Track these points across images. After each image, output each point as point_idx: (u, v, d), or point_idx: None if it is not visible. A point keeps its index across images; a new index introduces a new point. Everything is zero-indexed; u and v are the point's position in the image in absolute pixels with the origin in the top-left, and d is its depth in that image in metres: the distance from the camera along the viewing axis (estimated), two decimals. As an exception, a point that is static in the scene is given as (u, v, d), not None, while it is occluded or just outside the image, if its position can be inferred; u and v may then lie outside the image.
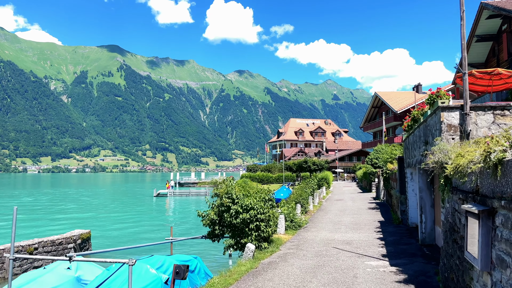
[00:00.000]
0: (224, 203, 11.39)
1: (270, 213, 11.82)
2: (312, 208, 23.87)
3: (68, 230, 21.29)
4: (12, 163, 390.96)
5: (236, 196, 11.52)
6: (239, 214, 11.15)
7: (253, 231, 11.15)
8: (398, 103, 59.51)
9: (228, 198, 11.51)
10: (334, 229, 16.04)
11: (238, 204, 11.31)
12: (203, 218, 11.87)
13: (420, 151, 11.01)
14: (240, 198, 11.45)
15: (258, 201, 11.36)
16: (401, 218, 16.96)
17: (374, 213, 21.97)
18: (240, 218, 11.04)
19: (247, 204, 11.14)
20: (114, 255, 13.94)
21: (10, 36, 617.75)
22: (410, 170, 15.58)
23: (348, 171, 78.61)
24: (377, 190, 34.07)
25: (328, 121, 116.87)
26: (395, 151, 22.56)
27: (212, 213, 11.65)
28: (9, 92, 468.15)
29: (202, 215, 11.87)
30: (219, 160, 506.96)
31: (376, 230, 15.57)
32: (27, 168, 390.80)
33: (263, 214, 11.38)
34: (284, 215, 16.11)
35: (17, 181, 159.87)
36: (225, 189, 11.79)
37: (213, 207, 11.83)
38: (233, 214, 11.23)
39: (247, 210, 11.23)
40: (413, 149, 12.97)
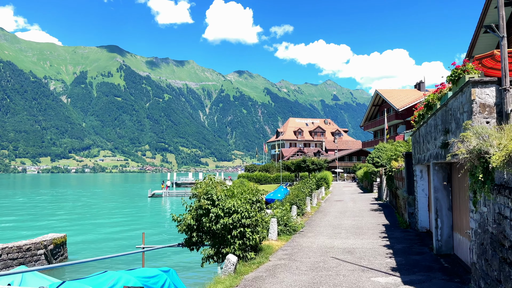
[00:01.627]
0: (202, 205, 9.58)
1: (258, 217, 10.01)
2: (309, 210, 22.04)
3: (46, 233, 19.46)
4: (11, 164, 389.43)
5: (217, 197, 9.69)
6: (220, 218, 9.34)
7: (237, 238, 9.33)
8: (399, 101, 57.71)
9: (207, 200, 9.69)
10: (333, 234, 14.21)
11: (219, 206, 9.49)
12: (179, 223, 10.06)
13: (437, 143, 9.20)
14: (221, 200, 9.63)
15: (243, 203, 9.54)
16: (408, 221, 15.13)
17: (378, 215, 20.14)
18: (220, 224, 9.23)
19: (229, 206, 9.32)
20: (78, 268, 12.11)
21: (9, 36, 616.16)
22: (420, 167, 13.74)
23: (348, 171, 76.78)
24: (379, 190, 32.27)
25: (328, 121, 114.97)
26: (399, 148, 20.76)
27: (189, 217, 9.84)
28: (9, 93, 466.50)
29: (178, 220, 10.05)
30: (218, 160, 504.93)
31: (381, 235, 13.75)
32: (27, 168, 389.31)
33: (249, 218, 9.57)
34: (277, 218, 14.29)
35: (15, 182, 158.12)
36: (204, 188, 9.96)
37: (191, 210, 10.01)
38: (213, 218, 9.42)
39: (229, 214, 9.41)
40: (425, 143, 11.16)
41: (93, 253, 20.80)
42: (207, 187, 10.01)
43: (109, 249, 21.61)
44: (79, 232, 28.56)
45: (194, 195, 10.18)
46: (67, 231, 24.46)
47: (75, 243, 23.51)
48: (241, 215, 9.31)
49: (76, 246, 22.64)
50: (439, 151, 9.08)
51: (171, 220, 10.05)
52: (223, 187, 10.46)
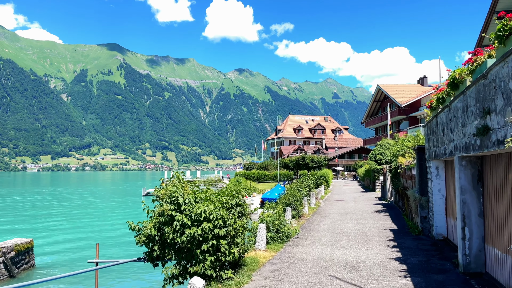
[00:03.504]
0: (164, 211, 7.50)
1: (238, 225, 7.91)
2: (307, 211, 19.94)
3: (12, 238, 17.37)
4: (11, 162, 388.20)
5: (184, 200, 7.59)
6: (186, 228, 7.26)
7: (208, 254, 7.24)
8: (402, 96, 55.58)
9: (171, 204, 7.60)
10: (333, 242, 12.11)
11: (185, 212, 7.40)
12: (138, 232, 7.97)
13: (467, 130, 7.11)
14: (190, 204, 7.52)
15: (217, 208, 7.45)
16: (421, 226, 13.02)
17: (383, 217, 18.04)
18: (186, 235, 7.14)
19: (199, 213, 7.23)
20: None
21: (10, 34, 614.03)
22: (436, 163, 11.63)
23: (349, 169, 74.68)
24: (383, 189, 30.20)
25: (328, 118, 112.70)
26: (407, 143, 18.65)
27: (149, 226, 7.76)
28: (9, 91, 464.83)
29: (136, 228, 7.96)
30: (219, 158, 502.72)
31: (389, 244, 11.64)
32: (27, 166, 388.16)
33: (225, 227, 7.49)
34: (266, 223, 12.19)
35: (14, 180, 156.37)
36: (168, 189, 7.86)
37: (152, 217, 7.92)
38: (178, 228, 7.33)
39: (198, 222, 7.33)
40: (446, 132, 9.06)
41: (61, 262, 18.71)
42: (172, 187, 7.90)
43: (78, 258, 19.42)
44: (56, 235, 26.43)
45: (157, 198, 8.06)
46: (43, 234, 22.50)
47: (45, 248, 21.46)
48: (214, 224, 7.22)
49: (51, 252, 20.58)
50: (470, 141, 6.97)
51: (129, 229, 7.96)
52: (195, 188, 8.34)
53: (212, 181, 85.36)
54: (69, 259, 19.26)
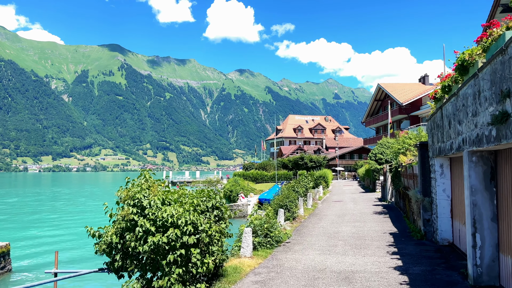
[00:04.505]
0: (125, 215, 6.45)
1: (213, 231, 6.85)
2: (302, 213, 18.86)
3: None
4: (13, 162, 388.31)
5: (149, 202, 6.53)
6: (150, 235, 6.22)
7: (176, 265, 6.19)
8: (403, 95, 54.52)
9: (133, 207, 6.55)
10: (327, 247, 11.04)
11: (149, 217, 6.35)
12: (98, 239, 6.91)
13: (479, 120, 6.06)
14: (155, 207, 6.46)
15: (188, 212, 6.40)
16: (424, 230, 11.93)
17: (382, 219, 16.96)
18: (149, 243, 6.09)
19: (165, 217, 6.18)
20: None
21: (11, 35, 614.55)
22: (440, 161, 10.56)
23: (349, 169, 73.58)
24: (383, 189, 29.12)
25: (329, 118, 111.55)
26: (408, 140, 17.58)
27: (110, 232, 6.72)
28: (10, 91, 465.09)
29: (97, 235, 6.90)
30: (220, 159, 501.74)
31: (389, 250, 10.56)
32: (28, 167, 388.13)
33: (197, 233, 6.44)
34: (254, 227, 11.13)
35: (14, 180, 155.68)
36: (130, 190, 6.79)
37: (115, 222, 6.86)
38: (140, 235, 6.29)
39: (164, 229, 6.28)
40: (453, 124, 8.00)
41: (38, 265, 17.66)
42: (136, 188, 6.84)
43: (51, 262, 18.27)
44: (35, 238, 25.24)
45: (120, 200, 6.99)
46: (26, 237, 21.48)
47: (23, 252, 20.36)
48: (183, 231, 6.17)
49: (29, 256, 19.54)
50: (483, 132, 5.91)
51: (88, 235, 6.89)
52: (165, 189, 7.26)
53: (211, 181, 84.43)
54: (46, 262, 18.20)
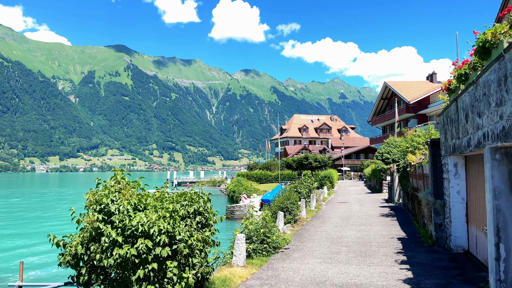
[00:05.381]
0: (89, 223, 5.56)
1: (194, 240, 5.94)
2: (305, 215, 17.90)
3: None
4: (20, 163, 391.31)
5: (118, 208, 5.63)
6: (116, 247, 5.32)
7: (147, 282, 5.28)
8: (410, 93, 53.32)
9: (99, 213, 5.66)
10: (329, 255, 10.09)
11: (116, 225, 5.44)
12: (63, 251, 6.00)
13: (505, 111, 5.09)
14: (125, 214, 5.55)
15: (162, 219, 5.49)
16: (435, 236, 10.92)
17: (390, 222, 15.95)
18: (115, 256, 5.20)
19: (134, 225, 5.29)
20: None
21: (18, 36, 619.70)
22: (454, 160, 9.56)
23: (355, 169, 72.40)
24: (390, 190, 28.05)
25: (334, 117, 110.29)
26: (417, 138, 16.56)
27: (76, 241, 5.84)
28: (18, 92, 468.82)
29: (62, 244, 6.00)
30: (225, 159, 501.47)
31: (397, 258, 9.58)
32: (36, 167, 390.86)
33: (174, 244, 5.55)
34: (248, 232, 10.21)
35: (21, 180, 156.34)
36: (96, 193, 5.89)
37: (82, 230, 5.95)
38: (106, 246, 5.41)
39: (134, 239, 5.39)
40: (472, 118, 7.02)
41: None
42: (104, 191, 5.94)
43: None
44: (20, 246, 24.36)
45: (87, 204, 6.09)
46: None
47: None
48: (156, 242, 5.27)
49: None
50: (511, 123, 4.94)
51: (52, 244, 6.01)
52: (142, 192, 6.35)
53: (216, 181, 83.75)
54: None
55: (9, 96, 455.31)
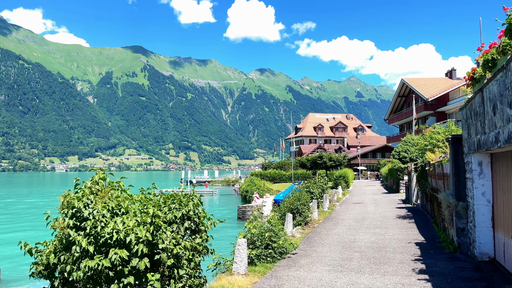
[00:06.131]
0: (58, 229, 4.92)
1: (181, 249, 5.25)
2: (316, 217, 17.07)
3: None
4: (41, 162, 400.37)
5: (92, 212, 4.97)
6: (87, 257, 4.67)
7: (123, 297, 4.62)
8: (428, 90, 51.66)
9: (71, 218, 5.02)
10: (340, 261, 9.28)
11: (87, 232, 4.78)
12: (36, 259, 5.39)
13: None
14: (99, 220, 4.88)
15: (141, 225, 4.82)
16: (457, 241, 9.98)
17: (407, 225, 14.99)
18: (84, 269, 4.54)
19: (109, 233, 4.63)
20: None
21: (38, 38, 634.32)
22: (479, 158, 8.63)
23: (372, 169, 70.85)
24: (408, 190, 26.93)
25: (350, 116, 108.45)
26: (436, 136, 15.54)
27: (49, 249, 5.22)
28: (38, 93, 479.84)
29: (33, 252, 5.39)
30: (241, 158, 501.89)
31: (415, 266, 8.70)
32: (55, 167, 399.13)
33: (157, 253, 4.87)
34: (251, 237, 9.48)
35: (42, 180, 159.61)
36: (68, 195, 5.24)
37: (56, 238, 5.30)
38: (77, 256, 4.76)
39: (108, 248, 4.72)
40: (500, 109, 6.12)
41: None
42: (79, 193, 5.28)
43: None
44: None
45: (60, 208, 5.44)
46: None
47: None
48: (132, 251, 4.60)
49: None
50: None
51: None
52: (121, 194, 5.67)
53: (230, 181, 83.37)
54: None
55: (29, 97, 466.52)
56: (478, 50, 7.14)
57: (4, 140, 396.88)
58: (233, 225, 29.61)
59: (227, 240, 14.19)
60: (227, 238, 19.05)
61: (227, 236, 21.99)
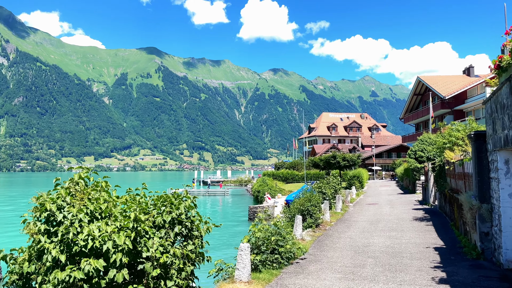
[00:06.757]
0: (30, 235, 4.40)
1: (169, 258, 4.68)
2: (328, 218, 16.34)
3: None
4: (58, 162, 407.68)
5: (66, 215, 4.40)
6: (57, 268, 4.12)
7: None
8: (445, 88, 50.18)
9: (44, 223, 4.47)
10: (352, 268, 8.59)
11: (59, 238, 4.23)
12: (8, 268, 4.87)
13: None
14: (74, 223, 4.31)
15: (122, 230, 4.27)
16: (480, 247, 9.18)
17: (424, 228, 14.16)
18: (55, 281, 3.98)
19: (85, 239, 4.08)
20: None
21: (55, 41, 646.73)
22: (506, 155, 7.84)
23: (387, 169, 69.40)
24: (425, 191, 25.93)
25: (364, 115, 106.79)
26: (456, 133, 14.65)
27: (23, 257, 4.70)
28: (55, 95, 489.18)
29: (9, 259, 4.87)
30: (254, 159, 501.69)
31: (435, 274, 7.95)
32: (72, 167, 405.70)
33: (140, 263, 4.31)
34: (256, 241, 8.87)
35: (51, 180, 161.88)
36: (41, 197, 4.71)
37: (32, 244, 4.77)
38: (48, 265, 4.23)
39: (84, 257, 4.18)
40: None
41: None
42: (57, 194, 4.74)
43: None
44: None
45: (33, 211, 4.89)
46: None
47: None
48: (112, 262, 4.05)
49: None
50: None
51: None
52: (102, 196, 5.08)
53: (242, 181, 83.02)
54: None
55: (47, 98, 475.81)
56: (506, 34, 6.37)
57: (23, 141, 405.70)
58: (244, 227, 29.07)
59: (237, 243, 13.64)
60: (237, 241, 18.49)
61: (237, 238, 21.43)
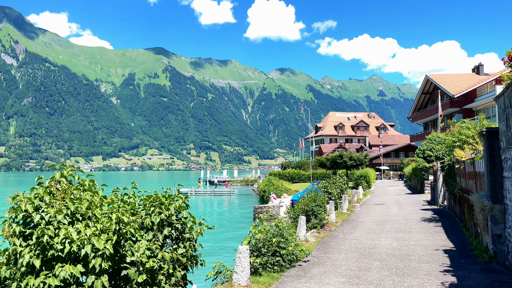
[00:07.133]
0: (3, 237, 4.09)
1: (156, 262, 4.34)
2: (334, 219, 15.92)
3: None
4: (66, 162, 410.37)
5: (43, 217, 4.07)
6: (30, 274, 3.80)
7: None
8: (454, 87, 49.36)
9: (19, 225, 4.14)
10: (357, 272, 8.19)
11: (36, 242, 3.90)
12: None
13: None
14: (49, 226, 3.97)
15: (104, 233, 3.93)
16: (493, 249, 8.71)
17: (433, 229, 13.68)
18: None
19: (62, 242, 3.74)
20: None
21: (64, 41, 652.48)
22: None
23: (395, 169, 68.61)
24: (433, 191, 25.36)
25: (372, 114, 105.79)
26: (466, 131, 14.16)
27: (2, 260, 4.41)
28: (63, 95, 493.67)
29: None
30: (261, 158, 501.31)
31: (444, 279, 7.51)
32: (80, 166, 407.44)
33: (124, 268, 3.98)
34: (255, 243, 8.51)
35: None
36: (16, 197, 4.36)
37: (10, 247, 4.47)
38: (23, 270, 3.90)
39: (61, 262, 3.84)
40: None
41: None
42: (33, 193, 4.40)
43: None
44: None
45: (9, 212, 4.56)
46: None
47: None
48: (90, 268, 3.71)
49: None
50: None
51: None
52: (86, 196, 4.73)
53: (248, 180, 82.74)
54: None
55: (55, 98, 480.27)
56: None
57: (32, 141, 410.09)
58: (249, 227, 28.71)
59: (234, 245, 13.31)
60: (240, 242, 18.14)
61: (241, 240, 21.08)
